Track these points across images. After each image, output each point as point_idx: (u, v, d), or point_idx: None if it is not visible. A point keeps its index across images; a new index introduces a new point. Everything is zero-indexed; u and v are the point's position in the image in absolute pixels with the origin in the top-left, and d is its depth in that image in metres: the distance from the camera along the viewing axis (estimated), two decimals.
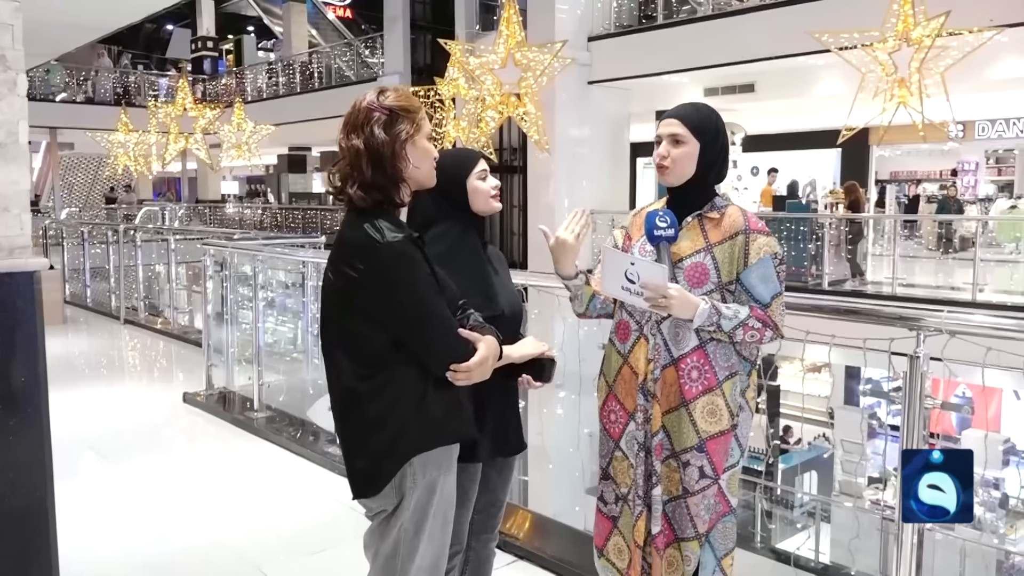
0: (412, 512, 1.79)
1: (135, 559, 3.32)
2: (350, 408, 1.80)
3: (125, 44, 27.58)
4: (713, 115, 2.16)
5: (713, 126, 2.13)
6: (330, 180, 1.82)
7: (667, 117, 2.15)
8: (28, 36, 7.05)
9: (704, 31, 10.58)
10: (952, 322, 2.08)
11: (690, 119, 2.12)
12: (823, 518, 9.73)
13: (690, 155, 2.11)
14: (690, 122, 2.12)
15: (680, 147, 2.11)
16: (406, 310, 1.74)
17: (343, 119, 1.82)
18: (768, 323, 2.06)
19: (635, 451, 2.18)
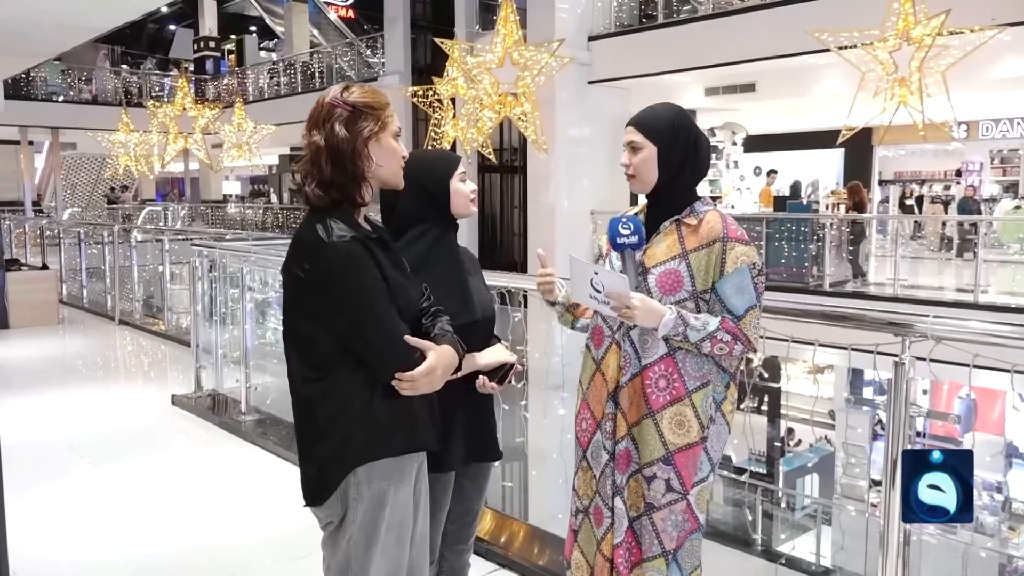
0: (360, 525, 1.72)
1: (116, 564, 3.27)
2: (301, 412, 1.75)
3: (128, 44, 27.61)
4: (670, 115, 2.07)
5: (668, 127, 2.05)
6: (292, 177, 1.77)
7: (627, 125, 2.11)
8: (23, 36, 7.01)
9: (704, 30, 10.52)
10: (938, 327, 2.01)
11: (643, 123, 2.07)
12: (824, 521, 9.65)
13: (648, 161, 2.05)
14: (643, 126, 2.06)
15: (638, 153, 2.06)
16: (350, 313, 1.68)
17: (308, 114, 1.76)
18: (739, 336, 1.99)
19: (603, 461, 2.12)
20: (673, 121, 2.07)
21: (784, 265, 10.56)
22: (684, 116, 2.10)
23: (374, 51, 17.69)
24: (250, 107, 18.62)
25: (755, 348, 2.01)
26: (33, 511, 3.80)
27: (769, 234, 10.51)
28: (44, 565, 3.26)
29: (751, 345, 2.00)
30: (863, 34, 7.62)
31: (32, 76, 21.06)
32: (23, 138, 21.49)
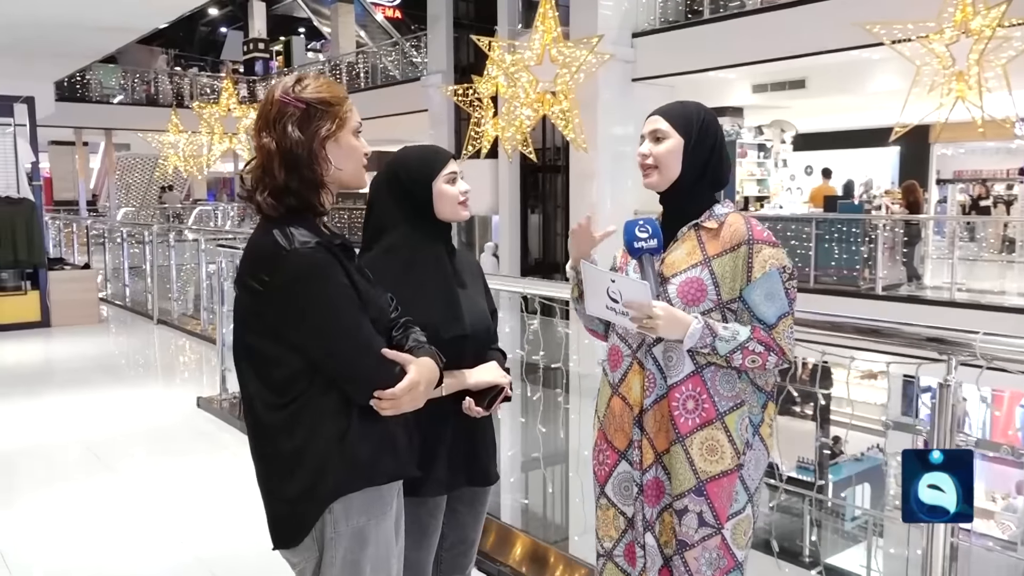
0: (341, 567, 1.54)
1: (119, 570, 3.16)
2: (262, 443, 1.57)
3: (182, 47, 28.12)
4: (701, 111, 1.90)
5: (700, 122, 1.87)
6: (241, 182, 1.59)
7: (650, 116, 1.91)
8: (66, 39, 7.08)
9: (753, 25, 10.20)
10: (990, 347, 1.76)
11: (672, 113, 1.89)
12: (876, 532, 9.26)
13: (673, 152, 1.85)
14: (672, 116, 1.88)
15: (662, 143, 1.86)
16: (318, 327, 1.49)
17: (257, 113, 1.59)
18: (772, 347, 1.78)
19: (635, 494, 1.90)
20: (703, 117, 1.90)
21: (834, 267, 10.20)
22: (712, 116, 1.92)
23: (418, 50, 17.64)
24: None
25: (790, 360, 1.80)
26: (39, 513, 3.74)
27: (819, 235, 10.16)
28: (43, 569, 3.16)
29: (786, 356, 1.79)
30: (918, 26, 7.25)
31: (87, 78, 21.54)
32: (78, 139, 21.98)
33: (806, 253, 10.30)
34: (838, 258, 10.21)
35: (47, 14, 8.37)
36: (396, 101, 16.68)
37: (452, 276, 1.93)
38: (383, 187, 1.93)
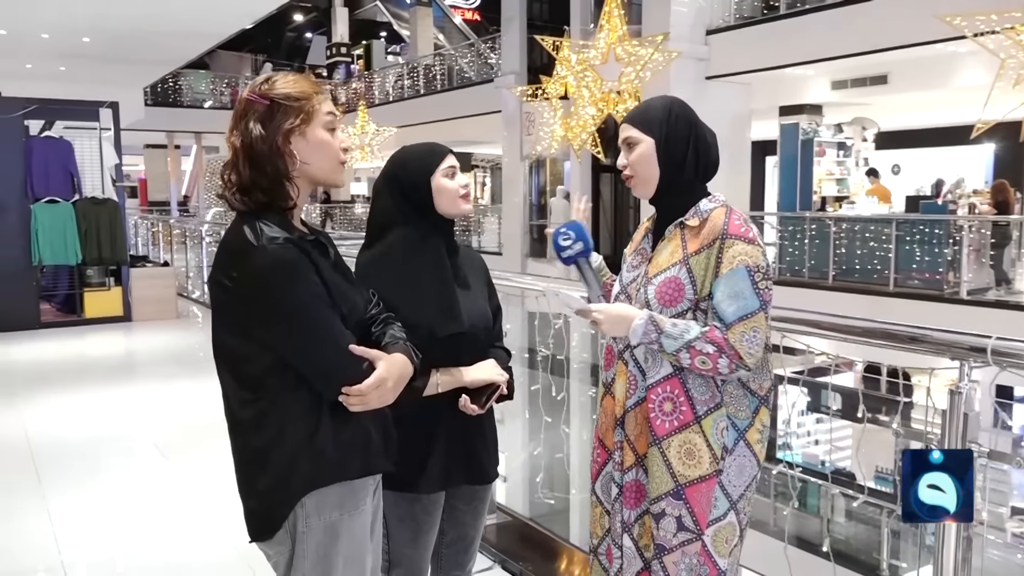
0: (313, 561, 1.55)
1: (160, 559, 3.29)
2: (236, 439, 1.59)
3: (270, 53, 29.08)
4: (668, 106, 1.83)
5: (664, 115, 1.82)
6: (222, 180, 1.61)
7: (621, 123, 1.88)
8: (151, 46, 7.44)
9: (831, 19, 9.86)
10: (1003, 349, 1.65)
11: (637, 118, 1.85)
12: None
13: (647, 156, 1.81)
14: (637, 121, 1.84)
15: (634, 149, 1.82)
16: (286, 323, 1.50)
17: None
18: (724, 349, 1.69)
19: (613, 495, 1.89)
20: (669, 109, 1.84)
21: (916, 270, 9.78)
22: (681, 104, 1.86)
23: (494, 52, 17.74)
24: (374, 110, 19.12)
25: (747, 365, 1.70)
26: (94, 499, 3.93)
27: (899, 236, 9.76)
28: (89, 554, 3.31)
29: (742, 360, 1.70)
30: (1003, 17, 6.87)
31: (179, 84, 22.48)
32: (170, 142, 22.96)
33: (885, 255, 9.91)
34: (920, 260, 9.79)
35: (131, 23, 8.78)
36: (471, 103, 16.83)
37: (451, 275, 1.92)
38: (383, 186, 1.94)
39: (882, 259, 9.93)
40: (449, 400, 1.89)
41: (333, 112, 1.63)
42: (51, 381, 6.42)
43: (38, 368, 6.99)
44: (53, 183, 8.48)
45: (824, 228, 10.46)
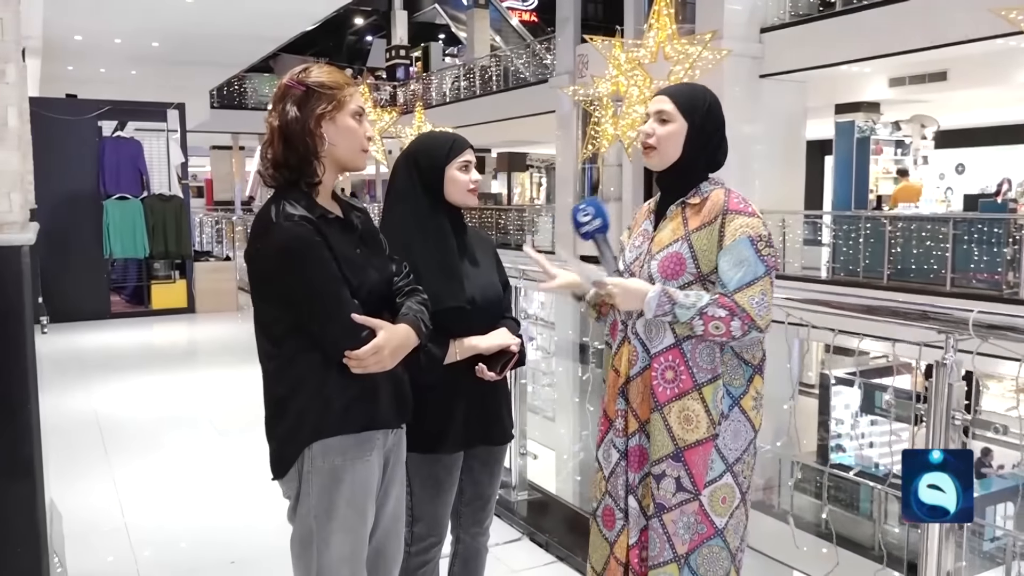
0: (318, 499, 1.73)
1: (213, 528, 3.53)
2: (265, 388, 1.78)
3: (332, 56, 29.69)
4: (707, 96, 1.96)
5: (704, 106, 1.93)
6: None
7: (656, 95, 1.98)
8: (218, 48, 7.83)
9: (889, 15, 9.72)
10: (986, 321, 1.73)
11: (679, 96, 1.95)
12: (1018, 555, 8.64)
13: (676, 135, 1.92)
14: (679, 99, 1.94)
15: (666, 125, 1.93)
16: (296, 292, 1.68)
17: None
18: (735, 311, 1.80)
19: (614, 460, 2.01)
20: (710, 103, 1.95)
21: (974, 270, 9.58)
22: (717, 102, 1.97)
23: (549, 52, 17.89)
24: (431, 111, 19.42)
25: (760, 327, 1.81)
26: (156, 473, 4.22)
27: (957, 236, 9.57)
28: (149, 522, 3.57)
29: (754, 322, 1.80)
30: None
31: (244, 87, 23.16)
32: (234, 143, 23.66)
33: (942, 255, 9.73)
34: (977, 261, 9.59)
35: (198, 28, 9.19)
36: (525, 103, 16.99)
37: (456, 251, 2.06)
38: (402, 163, 2.11)
39: (939, 259, 9.75)
40: (466, 368, 2.04)
41: (362, 105, 1.80)
42: (119, 366, 6.80)
43: (107, 354, 7.40)
44: (124, 181, 8.93)
45: (879, 227, 10.32)
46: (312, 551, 1.74)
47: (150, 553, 3.22)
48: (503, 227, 18.24)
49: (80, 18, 8.71)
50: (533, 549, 3.18)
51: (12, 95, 2.05)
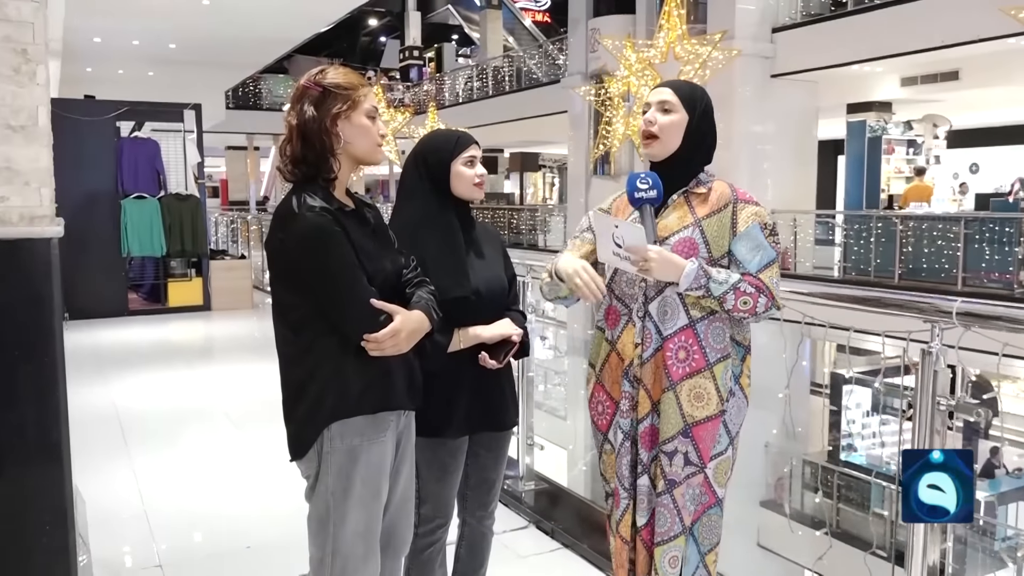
0: (336, 477, 1.82)
1: (231, 513, 3.64)
2: (282, 373, 1.87)
3: (346, 57, 29.86)
4: (704, 95, 2.08)
5: (703, 103, 2.05)
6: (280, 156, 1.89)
7: (657, 87, 2.09)
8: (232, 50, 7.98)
9: (900, 15, 9.72)
10: (968, 310, 1.81)
11: (682, 90, 2.06)
12: None
13: (678, 125, 2.02)
14: (681, 93, 2.05)
15: (668, 116, 2.02)
16: (318, 278, 1.77)
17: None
18: (763, 289, 1.93)
19: (619, 440, 2.10)
20: (705, 100, 2.07)
21: (985, 270, 9.58)
22: (710, 100, 2.09)
23: (562, 52, 17.96)
24: (444, 111, 19.54)
25: (778, 305, 1.95)
26: (175, 462, 4.35)
27: (968, 235, 9.58)
28: (168, 506, 3.68)
29: (775, 300, 1.94)
30: None
31: (259, 88, 23.36)
32: (249, 144, 23.86)
33: (953, 254, 9.74)
34: (989, 260, 9.59)
35: (214, 30, 9.33)
36: (538, 103, 17.06)
37: (462, 245, 2.15)
38: (410, 163, 2.20)
39: (950, 258, 9.76)
40: (471, 356, 2.14)
41: (375, 105, 1.90)
42: (137, 362, 6.94)
43: (125, 350, 7.54)
44: (141, 180, 9.08)
45: (891, 226, 10.34)
46: (329, 528, 1.83)
47: (169, 538, 3.33)
48: (515, 227, 18.33)
49: (99, 20, 8.87)
50: (539, 536, 3.27)
51: (43, 95, 2.16)
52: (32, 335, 2.24)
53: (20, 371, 2.24)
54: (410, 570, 2.21)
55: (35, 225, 2.20)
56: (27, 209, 2.18)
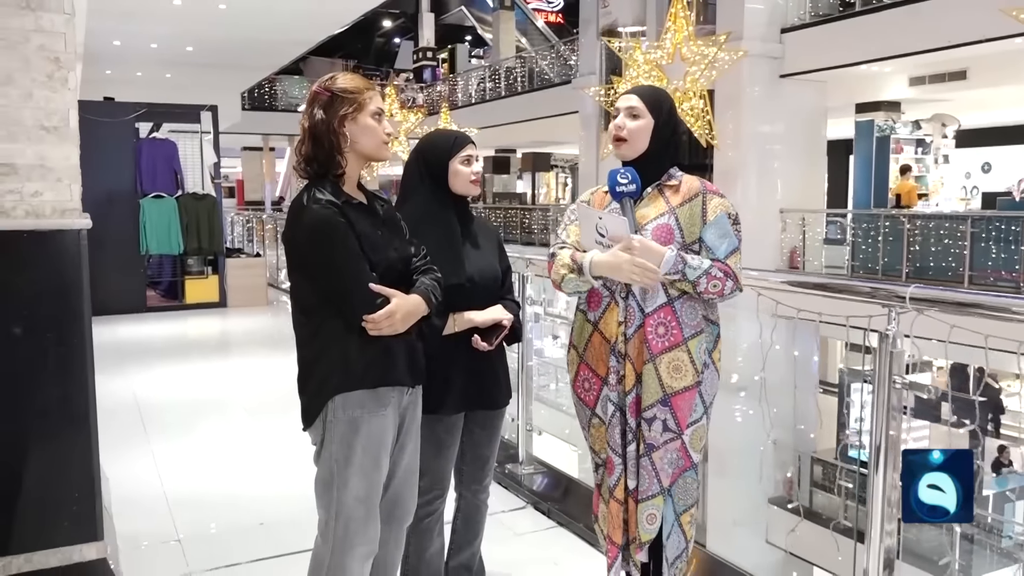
0: (339, 445, 2.00)
1: (246, 495, 3.82)
2: (298, 351, 2.06)
3: (360, 58, 30.16)
4: (668, 97, 2.30)
5: (667, 107, 2.26)
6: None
7: (624, 94, 2.28)
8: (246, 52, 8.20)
9: (908, 15, 9.80)
10: (921, 296, 1.96)
11: (647, 96, 2.24)
12: None
13: (645, 129, 2.21)
14: (647, 99, 2.23)
15: (636, 120, 2.21)
16: (323, 266, 1.96)
17: None
18: (729, 274, 2.14)
19: (610, 412, 2.27)
20: (669, 104, 2.27)
21: (991, 269, 9.65)
22: (675, 105, 2.30)
23: (574, 53, 18.11)
24: (456, 112, 19.73)
25: (741, 287, 2.16)
26: (193, 448, 4.55)
27: (975, 234, 9.65)
28: (185, 489, 3.88)
29: (739, 283, 2.15)
30: None
31: (275, 90, 23.64)
32: (265, 145, 24.14)
33: (960, 252, 9.82)
34: (995, 258, 9.66)
35: (230, 32, 9.55)
36: (549, 104, 17.21)
37: (459, 237, 2.34)
38: (412, 160, 2.38)
39: (957, 256, 9.84)
40: (465, 340, 2.32)
41: (380, 107, 2.08)
42: (155, 355, 7.17)
43: (144, 345, 7.77)
44: (159, 180, 9.32)
45: (898, 225, 10.42)
46: (332, 491, 2.02)
47: (187, 515, 3.52)
48: (528, 226, 18.48)
49: (119, 24, 9.11)
50: (536, 516, 3.44)
51: (73, 99, 2.36)
52: (63, 319, 2.45)
53: (53, 352, 2.45)
54: (410, 538, 2.39)
55: (66, 218, 2.40)
56: (59, 203, 2.39)
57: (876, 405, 2.04)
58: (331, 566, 2.03)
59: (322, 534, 2.06)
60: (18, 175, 2.33)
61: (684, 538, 2.28)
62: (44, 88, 2.33)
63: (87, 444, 2.53)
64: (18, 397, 2.45)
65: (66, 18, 2.29)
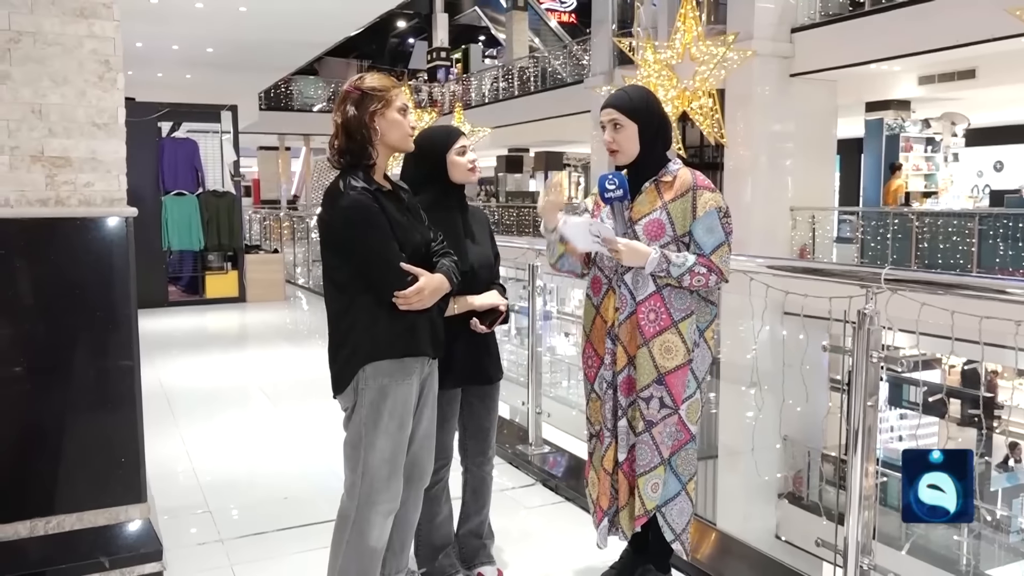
0: (368, 410, 2.20)
1: (270, 473, 4.04)
2: (330, 323, 2.27)
3: (375, 59, 30.42)
4: (643, 94, 2.43)
5: (644, 106, 2.40)
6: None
7: (603, 107, 2.44)
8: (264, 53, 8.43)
9: (918, 14, 9.90)
10: (895, 277, 2.14)
11: (623, 105, 2.40)
12: None
13: (631, 136, 2.39)
14: (624, 107, 2.39)
15: (621, 131, 2.40)
16: (356, 246, 2.16)
17: None
18: (712, 268, 2.31)
19: (603, 389, 2.47)
20: (648, 100, 2.43)
21: (999, 266, 9.76)
22: (653, 96, 2.47)
23: (587, 53, 18.26)
24: (470, 111, 19.94)
25: (726, 279, 2.33)
26: (219, 431, 4.80)
27: (983, 231, 9.75)
28: (214, 467, 4.10)
29: (724, 276, 2.33)
30: None
31: (290, 90, 23.93)
32: (281, 144, 24.43)
33: (968, 250, 9.92)
34: (1002, 256, 9.76)
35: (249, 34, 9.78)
36: (562, 103, 17.39)
37: (460, 228, 2.55)
38: (411, 157, 2.58)
39: (965, 254, 9.94)
40: (462, 321, 2.53)
41: (406, 103, 2.29)
42: (178, 347, 7.41)
43: (167, 337, 8.01)
44: (181, 178, 9.57)
45: (907, 223, 10.54)
46: (360, 452, 2.23)
47: (216, 491, 3.75)
48: (540, 224, 18.63)
49: (141, 26, 9.35)
50: (544, 492, 3.64)
51: (120, 98, 2.58)
52: (113, 299, 2.67)
53: (103, 329, 2.67)
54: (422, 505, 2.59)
55: (114, 206, 2.62)
56: (108, 193, 2.61)
57: (855, 381, 2.22)
58: (356, 520, 2.23)
59: (348, 492, 2.26)
60: (72, 167, 2.56)
61: (691, 504, 2.47)
62: (96, 88, 2.55)
63: (132, 415, 2.76)
64: (72, 370, 2.68)
65: (115, 24, 2.51)
